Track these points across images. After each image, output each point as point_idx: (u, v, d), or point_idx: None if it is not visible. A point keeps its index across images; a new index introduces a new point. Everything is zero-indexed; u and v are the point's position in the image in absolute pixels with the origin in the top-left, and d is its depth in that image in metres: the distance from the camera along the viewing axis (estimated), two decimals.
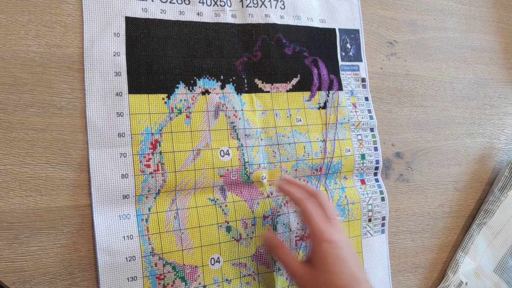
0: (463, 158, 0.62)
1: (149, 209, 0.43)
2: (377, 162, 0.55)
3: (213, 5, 0.50)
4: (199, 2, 0.49)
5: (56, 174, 0.41)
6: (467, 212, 0.61)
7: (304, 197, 0.42)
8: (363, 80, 0.56)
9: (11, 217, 0.39)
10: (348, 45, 0.56)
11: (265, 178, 0.49)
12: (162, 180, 0.44)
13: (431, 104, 0.61)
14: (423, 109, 0.60)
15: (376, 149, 0.55)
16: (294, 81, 0.52)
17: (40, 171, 0.41)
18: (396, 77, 0.60)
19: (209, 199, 0.46)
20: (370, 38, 0.59)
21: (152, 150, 0.44)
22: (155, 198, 0.44)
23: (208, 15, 0.49)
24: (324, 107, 0.53)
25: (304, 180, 0.51)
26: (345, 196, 0.52)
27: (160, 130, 0.45)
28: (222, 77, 0.49)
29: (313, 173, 0.52)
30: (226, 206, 0.46)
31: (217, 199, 0.46)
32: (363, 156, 0.54)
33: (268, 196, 0.48)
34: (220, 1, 0.50)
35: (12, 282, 0.39)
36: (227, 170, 0.47)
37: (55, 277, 0.40)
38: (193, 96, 0.47)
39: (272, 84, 0.51)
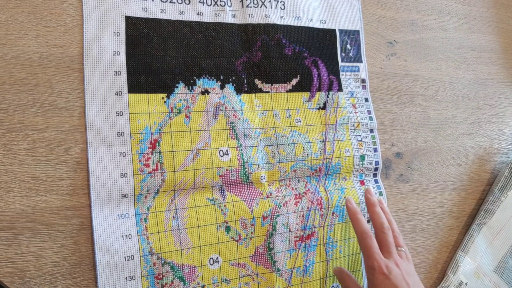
0: (463, 158, 0.62)
1: (148, 209, 0.44)
2: (377, 163, 0.55)
3: (213, 5, 0.50)
4: (199, 2, 0.49)
5: (56, 174, 0.41)
6: (467, 212, 0.61)
7: (368, 230, 0.47)
8: (363, 81, 0.56)
9: (11, 217, 0.39)
10: (348, 46, 0.56)
11: (264, 178, 0.49)
12: (161, 179, 0.44)
13: (431, 104, 0.61)
14: (423, 109, 0.60)
15: (375, 150, 0.55)
16: (294, 81, 0.52)
17: (40, 171, 0.41)
18: (396, 77, 0.60)
19: (208, 199, 0.46)
20: (370, 38, 0.59)
21: (151, 149, 0.44)
22: (154, 197, 0.44)
23: (208, 15, 0.49)
24: (324, 107, 0.53)
25: (303, 181, 0.51)
26: (344, 197, 0.52)
27: (159, 129, 0.45)
28: (221, 77, 0.49)
29: (312, 173, 0.52)
30: (225, 206, 0.47)
31: (216, 199, 0.46)
32: (362, 157, 0.54)
33: (267, 196, 0.48)
34: (220, 1, 0.50)
35: (12, 282, 0.39)
36: (226, 170, 0.47)
37: (55, 277, 0.40)
38: (193, 96, 0.47)
39: (271, 85, 0.51)
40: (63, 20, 0.44)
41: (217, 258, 0.46)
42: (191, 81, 0.47)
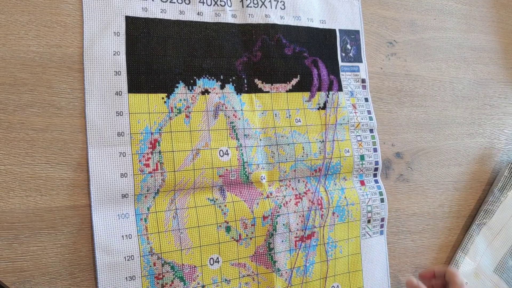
0: (463, 158, 0.62)
1: (148, 209, 0.44)
2: (376, 163, 0.55)
3: (214, 5, 0.50)
4: (200, 1, 0.49)
5: (56, 174, 0.41)
6: (467, 212, 0.61)
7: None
8: (363, 81, 0.56)
9: (11, 217, 0.39)
10: (348, 46, 0.56)
11: (264, 178, 0.49)
12: (161, 179, 0.44)
13: (431, 104, 0.61)
14: (423, 109, 0.60)
15: (375, 150, 0.55)
16: (294, 81, 0.52)
17: (40, 171, 0.41)
18: (396, 77, 0.60)
19: (208, 199, 0.46)
20: (370, 38, 0.59)
21: (151, 149, 0.44)
22: (154, 197, 0.44)
23: (208, 15, 0.49)
24: (324, 107, 0.53)
25: (303, 181, 0.51)
26: (345, 197, 0.52)
27: (159, 129, 0.45)
28: (222, 77, 0.49)
29: (312, 173, 0.52)
30: (225, 206, 0.46)
31: (216, 199, 0.46)
32: (362, 157, 0.54)
33: (267, 196, 0.48)
34: (221, 1, 0.50)
35: (12, 282, 0.39)
36: (226, 170, 0.47)
37: (55, 277, 0.40)
38: (193, 96, 0.47)
39: (272, 84, 0.51)
40: (63, 20, 0.44)
41: (217, 258, 0.46)
42: (191, 81, 0.47)
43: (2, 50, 0.41)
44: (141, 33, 0.46)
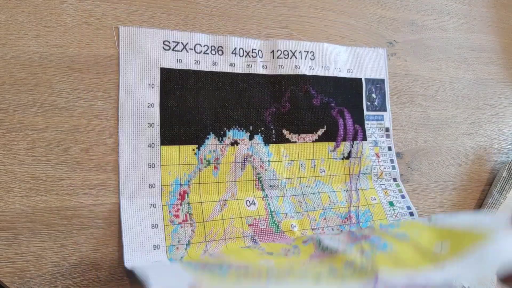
0: (463, 158, 0.62)
1: (182, 258, 0.42)
2: (409, 207, 0.55)
3: (245, 56, 0.50)
4: (232, 53, 0.49)
5: (56, 174, 0.41)
6: None
7: None
8: (387, 129, 0.56)
9: (11, 217, 0.39)
10: (374, 95, 0.56)
11: (295, 227, 0.48)
12: (191, 230, 0.43)
13: (431, 104, 0.61)
14: (423, 109, 0.60)
15: (403, 196, 0.55)
16: (320, 131, 0.52)
17: (40, 171, 0.41)
18: (396, 77, 0.60)
19: (241, 248, 0.45)
20: (370, 38, 0.59)
21: (180, 200, 0.44)
22: (186, 249, 0.43)
23: (240, 66, 0.49)
24: (348, 157, 0.53)
25: (337, 229, 0.50)
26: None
27: (188, 181, 0.45)
28: (251, 128, 0.48)
29: (344, 221, 0.51)
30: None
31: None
32: (391, 203, 0.54)
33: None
34: (252, 52, 0.50)
35: (12, 282, 0.39)
36: (255, 219, 0.46)
37: (55, 277, 0.40)
38: (222, 147, 0.47)
39: (299, 135, 0.51)
40: (63, 20, 0.44)
41: None
42: (221, 132, 0.47)
43: (2, 50, 0.41)
44: (175, 84, 0.45)
